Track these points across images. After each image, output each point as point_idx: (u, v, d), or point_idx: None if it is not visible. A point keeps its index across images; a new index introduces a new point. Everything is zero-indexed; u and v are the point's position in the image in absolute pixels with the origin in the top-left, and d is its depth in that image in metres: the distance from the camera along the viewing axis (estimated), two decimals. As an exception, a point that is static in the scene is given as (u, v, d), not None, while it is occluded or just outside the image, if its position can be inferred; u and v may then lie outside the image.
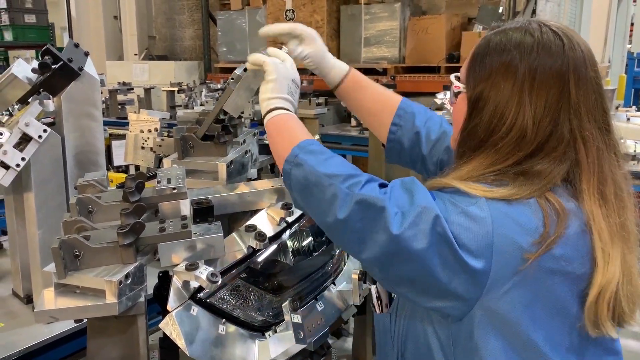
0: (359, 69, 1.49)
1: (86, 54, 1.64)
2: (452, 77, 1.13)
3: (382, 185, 1.00)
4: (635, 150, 4.29)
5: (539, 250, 0.91)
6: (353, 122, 5.10)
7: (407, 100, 1.43)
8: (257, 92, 1.32)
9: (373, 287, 1.23)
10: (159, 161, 2.24)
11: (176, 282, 1.11)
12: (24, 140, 1.51)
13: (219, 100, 1.60)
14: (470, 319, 0.95)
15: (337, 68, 1.42)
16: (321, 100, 4.51)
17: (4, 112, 1.81)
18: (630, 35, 8.84)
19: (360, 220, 0.96)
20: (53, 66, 1.54)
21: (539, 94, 0.97)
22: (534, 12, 6.19)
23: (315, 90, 5.11)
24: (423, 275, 0.93)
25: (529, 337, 0.94)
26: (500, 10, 5.97)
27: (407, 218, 0.92)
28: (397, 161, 1.45)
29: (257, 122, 4.59)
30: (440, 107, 3.83)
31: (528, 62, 0.98)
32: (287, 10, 6.28)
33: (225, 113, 1.57)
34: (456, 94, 1.10)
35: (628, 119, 4.42)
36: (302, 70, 1.29)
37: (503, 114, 0.99)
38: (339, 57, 1.44)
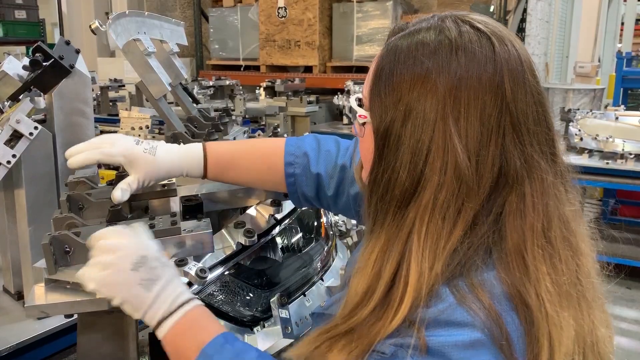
0: (351, 67, 1.40)
1: (77, 52, 1.65)
2: (353, 99, 0.85)
3: None
4: (623, 149, 4.36)
5: None
6: (345, 120, 5.11)
7: (291, 140, 1.18)
8: None
9: None
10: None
11: (166, 277, 1.12)
12: (15, 137, 1.52)
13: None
14: None
15: (189, 157, 1.14)
16: (312, 98, 4.53)
17: (-5, 109, 1.82)
18: (621, 35, 8.91)
19: None
20: (44, 63, 1.55)
21: (469, 118, 0.71)
22: (525, 11, 6.24)
23: (307, 88, 5.13)
24: None
25: None
26: (491, 9, 6.01)
27: None
28: (310, 206, 1.25)
29: (249, 120, 4.60)
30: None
31: (448, 75, 0.72)
32: (279, 8, 6.28)
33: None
34: (362, 124, 0.83)
35: (617, 118, 4.47)
36: (293, 68, 1.28)
37: (429, 151, 0.72)
38: (330, 56, 1.36)
